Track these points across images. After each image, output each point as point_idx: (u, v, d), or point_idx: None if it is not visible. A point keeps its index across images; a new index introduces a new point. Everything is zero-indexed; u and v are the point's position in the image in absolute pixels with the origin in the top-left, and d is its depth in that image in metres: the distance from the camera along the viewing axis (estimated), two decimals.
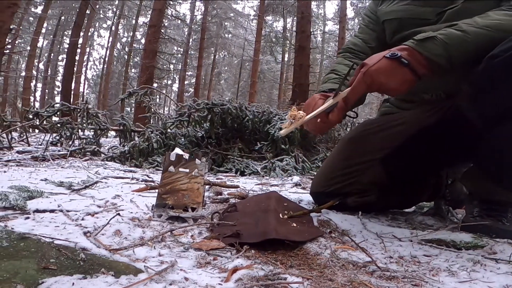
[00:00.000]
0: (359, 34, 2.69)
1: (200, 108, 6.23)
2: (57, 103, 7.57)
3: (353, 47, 2.64)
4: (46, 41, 41.57)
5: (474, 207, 2.20)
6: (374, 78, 1.81)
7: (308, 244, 1.73)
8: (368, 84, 1.84)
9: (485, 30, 1.78)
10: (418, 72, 1.79)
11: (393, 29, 2.43)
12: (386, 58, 1.80)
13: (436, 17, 2.20)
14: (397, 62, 1.78)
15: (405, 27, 2.34)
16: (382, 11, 2.51)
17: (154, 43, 20.34)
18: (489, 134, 1.90)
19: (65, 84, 22.86)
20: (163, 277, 1.21)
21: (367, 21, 2.67)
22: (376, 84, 1.82)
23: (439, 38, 1.77)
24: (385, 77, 1.80)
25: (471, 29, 1.78)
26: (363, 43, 2.62)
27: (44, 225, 1.73)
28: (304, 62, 15.06)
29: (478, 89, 1.85)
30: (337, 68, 2.53)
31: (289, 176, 5.02)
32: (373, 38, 2.60)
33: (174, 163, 2.16)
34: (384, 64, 1.80)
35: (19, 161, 5.13)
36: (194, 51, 38.49)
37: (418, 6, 2.27)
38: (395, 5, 2.40)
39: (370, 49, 2.58)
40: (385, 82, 1.81)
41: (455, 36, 1.78)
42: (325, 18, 42.45)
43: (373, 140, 2.44)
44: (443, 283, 1.35)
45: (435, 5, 2.21)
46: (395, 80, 1.80)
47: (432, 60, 1.78)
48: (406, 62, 1.77)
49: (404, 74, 1.79)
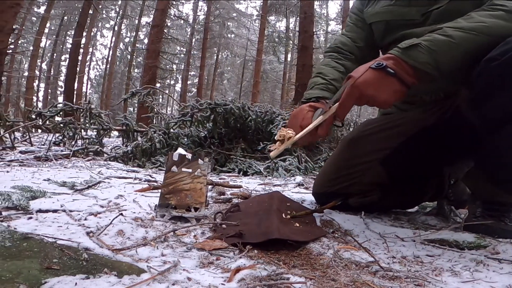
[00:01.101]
0: (347, 33, 2.67)
1: (203, 108, 6.24)
2: (60, 103, 7.58)
3: (341, 47, 2.63)
4: (49, 41, 41.68)
5: (477, 207, 2.19)
6: (362, 91, 1.79)
7: (311, 244, 1.73)
8: (356, 97, 1.82)
9: (470, 34, 1.76)
10: (406, 81, 1.77)
11: (381, 31, 2.43)
12: (372, 69, 1.79)
13: (422, 18, 2.19)
14: (383, 72, 1.76)
15: (393, 28, 2.34)
16: (367, 14, 2.51)
17: (157, 43, 20.36)
18: (490, 138, 1.90)
19: (68, 84, 22.88)
20: (166, 277, 1.21)
21: (354, 19, 2.66)
22: (365, 96, 1.80)
23: (424, 45, 1.75)
24: (373, 89, 1.78)
25: (457, 33, 1.76)
26: (352, 42, 2.61)
27: (47, 225, 1.73)
28: (307, 62, 15.02)
29: (477, 92, 1.84)
30: (323, 72, 2.51)
31: (292, 176, 5.02)
32: (361, 37, 2.59)
33: (177, 163, 2.16)
34: (370, 76, 1.78)
35: (22, 161, 5.14)
36: (197, 51, 38.48)
37: (402, 7, 2.27)
38: (380, 6, 2.40)
39: (358, 49, 2.58)
40: (374, 94, 1.78)
41: (440, 42, 1.76)
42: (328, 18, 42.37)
43: (374, 140, 2.44)
44: (446, 283, 1.35)
45: (418, 5, 2.20)
46: (384, 91, 1.78)
47: (418, 69, 1.76)
48: (392, 72, 1.75)
49: (392, 85, 1.77)
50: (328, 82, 2.41)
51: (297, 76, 16.09)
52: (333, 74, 2.45)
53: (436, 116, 2.26)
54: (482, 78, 1.76)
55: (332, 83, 2.41)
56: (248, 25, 42.37)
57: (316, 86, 2.43)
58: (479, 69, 1.76)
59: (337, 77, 2.44)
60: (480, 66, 1.75)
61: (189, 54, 37.39)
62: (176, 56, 37.50)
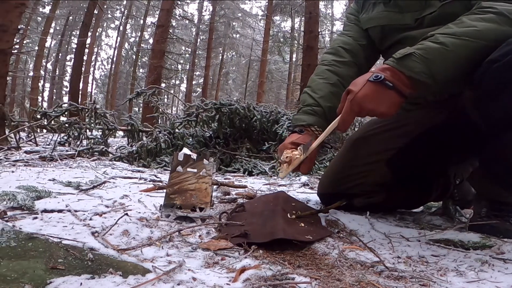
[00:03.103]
0: (348, 32, 2.65)
1: (208, 108, 6.25)
2: (65, 103, 7.62)
3: (343, 46, 2.60)
4: (54, 41, 41.72)
5: (482, 207, 2.18)
6: (362, 106, 1.80)
7: (316, 244, 1.74)
8: (356, 112, 1.84)
9: (463, 40, 1.76)
10: (404, 92, 1.78)
11: (378, 36, 2.44)
12: (370, 83, 1.79)
13: (416, 23, 2.19)
14: (382, 85, 1.77)
15: (388, 33, 2.35)
16: (363, 19, 2.51)
17: (162, 43, 20.35)
18: (496, 140, 1.90)
19: (73, 84, 22.89)
20: (171, 277, 1.21)
21: (353, 19, 2.65)
22: (365, 111, 1.82)
23: (417, 54, 1.75)
24: (373, 103, 1.79)
25: (448, 40, 1.76)
26: (354, 40, 2.59)
27: (52, 225, 1.73)
28: (312, 62, 14.98)
29: (480, 94, 1.84)
30: (312, 86, 2.52)
31: (297, 176, 5.01)
32: (363, 35, 2.58)
33: (182, 163, 2.16)
34: (369, 90, 1.79)
35: (27, 161, 5.15)
36: (202, 51, 38.45)
37: (395, 13, 2.28)
38: (374, 12, 2.41)
39: (361, 47, 2.57)
40: (374, 108, 1.80)
41: (433, 49, 1.76)
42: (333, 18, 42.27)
43: (379, 140, 2.43)
44: (451, 283, 1.35)
45: (411, 10, 2.21)
46: (383, 104, 1.79)
47: (414, 79, 1.76)
48: (391, 85, 1.76)
49: (391, 97, 1.78)
50: (316, 102, 2.42)
51: (302, 76, 16.10)
52: (321, 91, 2.45)
53: (441, 116, 2.26)
54: (484, 79, 1.76)
55: (319, 103, 2.41)
56: (253, 25, 42.35)
57: (303, 108, 2.45)
58: (481, 71, 1.76)
59: (325, 94, 2.43)
60: (482, 67, 1.75)
61: (194, 54, 37.39)
62: (181, 56, 37.49)
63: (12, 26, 7.05)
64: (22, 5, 7.30)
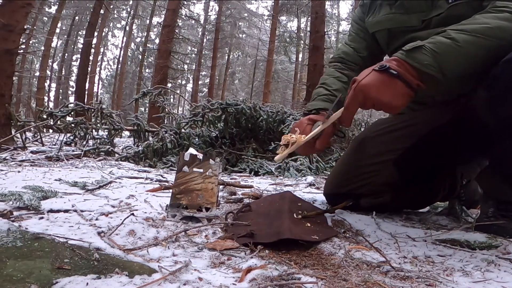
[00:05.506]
0: (350, 43, 2.68)
1: (214, 108, 6.25)
2: (71, 103, 7.64)
3: (344, 57, 2.64)
4: (60, 41, 41.85)
5: (489, 207, 2.17)
6: (365, 93, 1.77)
7: (322, 244, 1.73)
8: (360, 100, 1.81)
9: (474, 36, 1.73)
10: (411, 83, 1.75)
11: (385, 39, 2.44)
12: (375, 71, 1.77)
13: (423, 24, 2.18)
14: (386, 74, 1.75)
15: (395, 36, 2.34)
16: (369, 23, 2.51)
17: (168, 43, 20.39)
18: (507, 140, 1.88)
19: (79, 84, 22.95)
20: (177, 277, 1.21)
21: (356, 28, 2.67)
22: (369, 99, 1.78)
23: (428, 47, 1.73)
24: (376, 92, 1.75)
25: (460, 35, 1.74)
26: (354, 52, 2.62)
27: (58, 225, 1.74)
28: (318, 62, 15.00)
29: (495, 93, 1.81)
30: (327, 82, 2.54)
31: (303, 176, 5.01)
32: (364, 47, 2.60)
33: (188, 163, 2.16)
34: (374, 78, 1.77)
35: (33, 161, 5.17)
36: (208, 51, 38.50)
37: (402, 15, 2.27)
38: (380, 15, 2.40)
39: (362, 59, 2.59)
40: (378, 97, 1.76)
41: (444, 44, 1.74)
42: (339, 18, 42.25)
43: (386, 140, 2.42)
44: (457, 283, 1.34)
45: (417, 11, 2.20)
46: (388, 93, 1.75)
47: (421, 71, 1.73)
48: (395, 73, 1.73)
49: (396, 86, 1.75)
50: (331, 92, 2.43)
51: (308, 76, 16.09)
52: (335, 85, 2.48)
53: (448, 116, 2.25)
54: (501, 79, 1.74)
55: (334, 93, 2.42)
56: (259, 25, 42.37)
57: (318, 97, 2.46)
58: (498, 70, 1.74)
59: (339, 87, 2.46)
60: (499, 67, 1.73)
61: (200, 54, 37.42)
62: (187, 56, 37.49)
63: (18, 26, 7.07)
64: (28, 5, 7.31)
